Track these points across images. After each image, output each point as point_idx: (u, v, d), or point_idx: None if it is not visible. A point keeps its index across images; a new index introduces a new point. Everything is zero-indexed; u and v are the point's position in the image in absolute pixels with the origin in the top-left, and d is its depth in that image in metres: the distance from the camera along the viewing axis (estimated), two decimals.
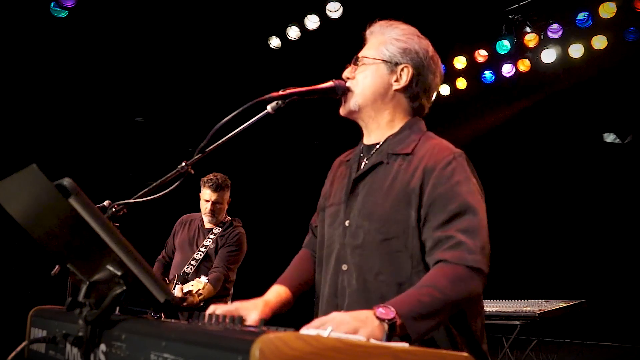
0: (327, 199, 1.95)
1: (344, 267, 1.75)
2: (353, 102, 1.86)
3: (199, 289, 3.75)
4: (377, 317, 1.34)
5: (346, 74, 1.90)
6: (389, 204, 1.70)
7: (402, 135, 1.82)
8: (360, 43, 1.99)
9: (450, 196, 1.62)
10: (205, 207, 4.22)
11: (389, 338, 1.34)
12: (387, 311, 1.36)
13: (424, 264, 1.64)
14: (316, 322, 1.32)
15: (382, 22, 1.93)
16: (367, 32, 1.96)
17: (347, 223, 1.78)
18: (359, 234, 1.73)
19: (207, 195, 4.19)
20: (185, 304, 3.72)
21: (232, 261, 4.13)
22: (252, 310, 1.68)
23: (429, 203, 1.64)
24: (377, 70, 1.85)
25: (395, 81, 1.84)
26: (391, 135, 1.84)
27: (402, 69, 1.84)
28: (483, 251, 1.57)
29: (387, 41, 1.87)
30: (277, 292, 1.84)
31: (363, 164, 1.87)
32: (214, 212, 4.20)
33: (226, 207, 4.31)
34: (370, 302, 1.64)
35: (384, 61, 1.84)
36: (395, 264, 1.66)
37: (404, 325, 1.37)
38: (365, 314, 1.35)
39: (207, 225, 4.29)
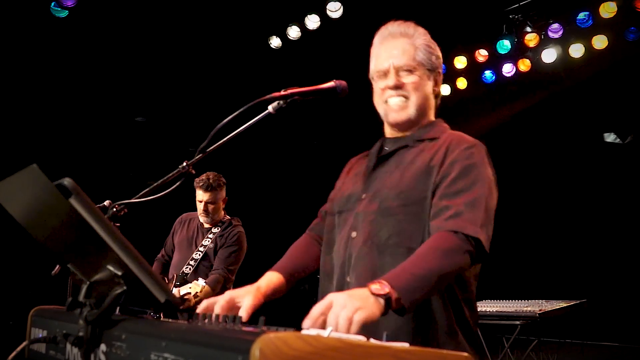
0: (342, 186, 1.98)
1: (353, 234, 1.78)
2: (412, 111, 1.87)
3: (197, 292, 3.75)
4: (373, 294, 1.36)
5: (393, 82, 1.86)
6: (409, 175, 1.75)
7: (432, 127, 1.90)
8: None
9: (463, 173, 1.69)
10: (199, 207, 4.22)
11: (385, 312, 1.37)
12: (382, 287, 1.38)
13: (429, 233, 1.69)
14: (313, 311, 1.32)
15: (398, 24, 1.93)
16: (385, 32, 1.92)
17: (363, 196, 1.82)
18: (374, 202, 1.77)
19: (199, 195, 4.19)
20: (181, 307, 3.71)
21: (232, 262, 4.13)
22: (245, 296, 1.68)
23: (442, 176, 1.71)
24: (424, 77, 1.88)
25: (435, 87, 1.93)
26: (417, 128, 1.90)
27: (436, 75, 1.92)
28: (484, 226, 1.62)
29: (419, 47, 1.88)
30: (269, 279, 1.85)
31: (385, 149, 1.92)
32: (207, 212, 4.19)
33: (222, 205, 4.28)
34: (376, 265, 1.69)
35: (427, 69, 1.89)
36: (409, 230, 1.70)
37: (399, 299, 1.40)
38: (361, 292, 1.36)
39: (206, 225, 4.29)
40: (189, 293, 3.77)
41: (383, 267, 1.67)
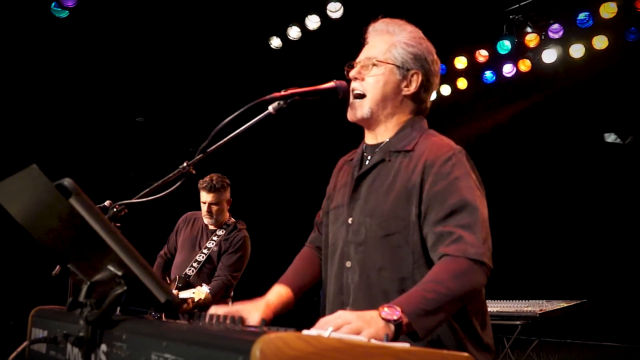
0: (331, 198, 1.97)
1: (348, 264, 1.77)
2: (366, 109, 1.84)
3: (200, 299, 3.74)
4: (383, 318, 1.34)
5: (354, 74, 1.87)
6: (390, 200, 1.71)
7: (404, 133, 1.83)
8: (361, 43, 1.97)
9: (450, 192, 1.64)
10: (203, 209, 4.21)
11: (395, 337, 1.35)
12: (393, 311, 1.36)
13: (425, 258, 1.66)
14: (321, 322, 1.32)
15: (388, 21, 1.91)
16: (371, 29, 1.93)
17: (350, 221, 1.80)
18: (361, 231, 1.75)
19: (203, 197, 4.17)
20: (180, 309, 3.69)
21: (235, 268, 4.11)
22: (253, 311, 1.68)
23: (428, 198, 1.66)
24: (389, 74, 1.83)
25: (405, 87, 1.85)
26: (394, 134, 1.85)
27: (412, 75, 1.84)
28: (485, 245, 1.58)
29: (396, 44, 1.84)
30: (278, 293, 1.84)
31: (366, 162, 1.88)
32: (211, 214, 4.17)
33: (226, 207, 4.27)
34: (373, 298, 1.67)
35: (396, 66, 1.83)
36: (397, 260, 1.68)
37: (410, 324, 1.38)
38: (371, 315, 1.35)
39: (210, 227, 4.27)
40: (192, 298, 3.75)
41: (378, 302, 1.62)
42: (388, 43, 1.85)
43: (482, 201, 1.67)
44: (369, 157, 1.88)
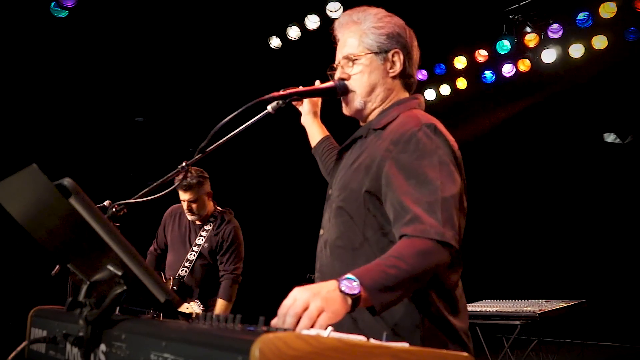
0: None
1: (321, 232, 1.86)
2: (358, 102, 1.85)
3: (196, 313, 3.75)
4: (342, 291, 1.30)
5: (339, 75, 1.88)
6: (350, 173, 1.76)
7: (387, 112, 1.84)
8: None
9: (410, 169, 1.59)
10: (184, 207, 4.15)
11: (352, 309, 1.32)
12: (351, 285, 1.32)
13: (379, 234, 1.66)
14: (280, 309, 1.27)
15: (349, 12, 1.90)
16: (337, 25, 1.93)
17: (329, 192, 1.88)
18: (332, 202, 1.82)
19: (180, 195, 4.09)
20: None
21: (236, 262, 4.11)
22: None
23: (389, 175, 1.62)
24: (371, 63, 1.83)
25: (390, 69, 1.85)
26: (379, 113, 1.87)
27: (393, 55, 1.84)
28: (446, 224, 1.50)
29: (366, 32, 1.83)
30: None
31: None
32: (192, 211, 4.11)
33: (207, 200, 4.13)
34: (331, 269, 1.73)
35: (374, 53, 1.83)
36: (348, 230, 1.72)
37: (368, 298, 1.35)
38: (327, 289, 1.30)
39: (197, 222, 4.24)
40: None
41: (334, 270, 1.68)
42: (358, 34, 1.85)
43: (448, 178, 1.59)
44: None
